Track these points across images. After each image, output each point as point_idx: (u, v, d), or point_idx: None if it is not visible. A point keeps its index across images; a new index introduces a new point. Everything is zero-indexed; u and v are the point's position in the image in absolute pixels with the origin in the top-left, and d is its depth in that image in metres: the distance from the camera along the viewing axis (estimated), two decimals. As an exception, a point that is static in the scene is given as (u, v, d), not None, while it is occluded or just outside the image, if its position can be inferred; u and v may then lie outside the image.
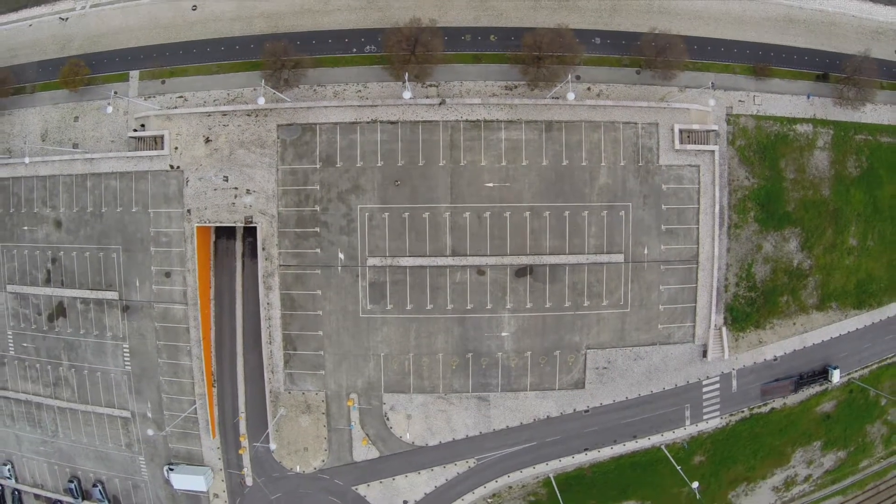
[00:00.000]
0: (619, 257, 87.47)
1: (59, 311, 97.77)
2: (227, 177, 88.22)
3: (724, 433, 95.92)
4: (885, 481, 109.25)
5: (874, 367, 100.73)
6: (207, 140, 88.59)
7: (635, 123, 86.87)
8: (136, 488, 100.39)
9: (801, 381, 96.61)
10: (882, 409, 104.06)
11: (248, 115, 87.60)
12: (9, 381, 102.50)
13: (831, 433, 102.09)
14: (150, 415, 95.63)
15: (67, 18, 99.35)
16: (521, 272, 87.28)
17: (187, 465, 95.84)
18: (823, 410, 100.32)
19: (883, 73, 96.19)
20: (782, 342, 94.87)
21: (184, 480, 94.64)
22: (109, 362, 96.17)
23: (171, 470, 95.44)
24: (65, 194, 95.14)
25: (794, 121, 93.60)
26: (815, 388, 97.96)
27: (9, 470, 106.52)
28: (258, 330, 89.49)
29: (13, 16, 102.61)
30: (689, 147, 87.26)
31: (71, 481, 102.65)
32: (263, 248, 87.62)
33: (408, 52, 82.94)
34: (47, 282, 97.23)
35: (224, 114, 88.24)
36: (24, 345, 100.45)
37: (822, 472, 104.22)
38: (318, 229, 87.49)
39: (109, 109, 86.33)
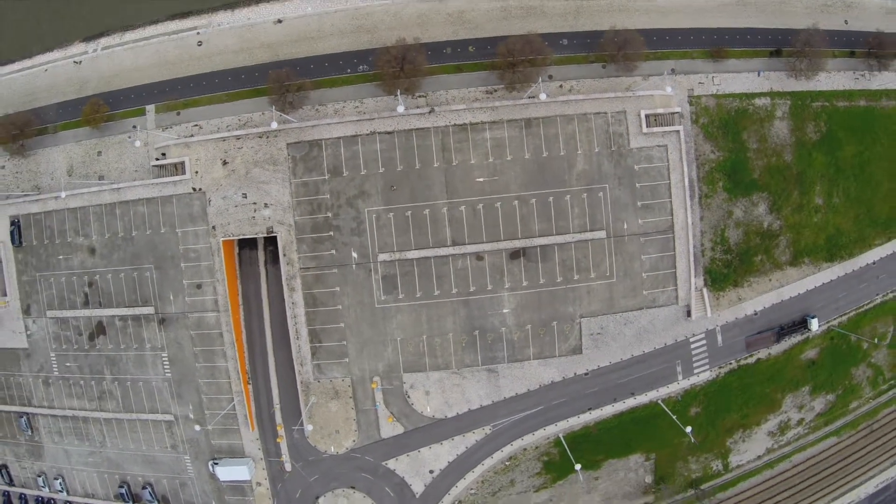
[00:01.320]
0: (602, 234, 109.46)
1: (99, 329, 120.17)
2: (245, 194, 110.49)
3: (715, 385, 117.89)
4: (876, 420, 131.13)
5: (851, 314, 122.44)
6: (224, 162, 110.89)
7: (605, 113, 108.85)
8: (183, 486, 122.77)
9: (783, 331, 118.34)
10: (865, 352, 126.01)
11: (260, 136, 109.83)
12: (55, 399, 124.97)
13: (818, 378, 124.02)
14: (191, 416, 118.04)
15: (81, 62, 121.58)
16: (515, 254, 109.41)
17: (230, 458, 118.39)
18: (808, 357, 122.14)
19: (834, 42, 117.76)
20: (761, 297, 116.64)
21: (228, 472, 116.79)
22: (150, 372, 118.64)
23: (216, 464, 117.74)
24: (96, 223, 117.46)
25: (752, 95, 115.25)
26: (797, 338, 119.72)
27: (60, 483, 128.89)
28: (286, 328, 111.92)
29: (27, 62, 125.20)
30: (656, 129, 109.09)
31: (121, 487, 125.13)
32: (284, 255, 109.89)
33: (397, 68, 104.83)
34: (85, 304, 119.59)
35: (237, 138, 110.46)
36: (68, 364, 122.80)
37: (813, 416, 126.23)
38: (331, 233, 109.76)
39: (138, 143, 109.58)
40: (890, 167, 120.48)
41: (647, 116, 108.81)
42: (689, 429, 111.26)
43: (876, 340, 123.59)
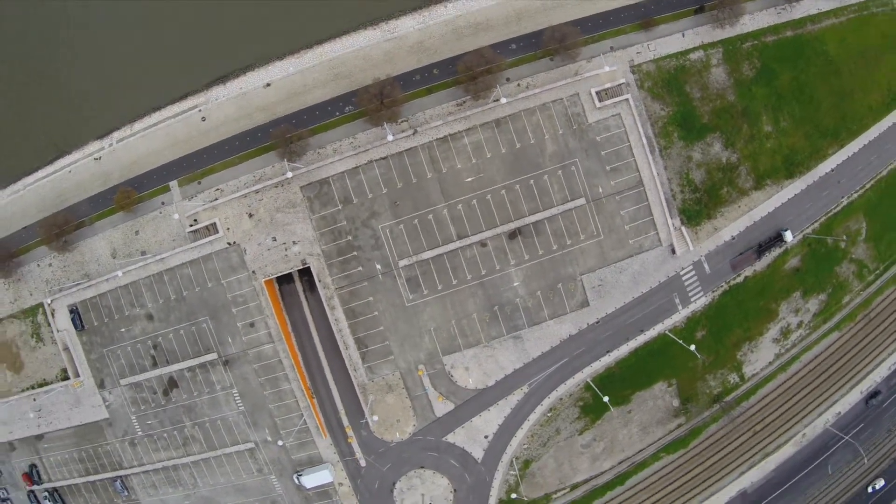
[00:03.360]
0: (582, 201, 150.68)
1: (172, 384, 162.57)
2: (274, 237, 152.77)
3: (713, 308, 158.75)
4: (872, 309, 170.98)
5: (822, 219, 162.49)
6: (250, 215, 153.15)
7: (561, 99, 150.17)
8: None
9: (762, 248, 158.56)
10: (844, 251, 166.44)
11: (276, 186, 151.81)
12: (143, 456, 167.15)
13: (806, 283, 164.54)
14: (269, 438, 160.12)
15: (100, 157, 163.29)
16: (512, 235, 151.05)
17: (311, 467, 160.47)
18: (791, 266, 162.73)
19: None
20: (734, 223, 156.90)
21: (312, 479, 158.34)
22: (225, 409, 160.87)
23: (300, 476, 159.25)
24: (148, 292, 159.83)
25: (686, 52, 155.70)
26: (776, 251, 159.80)
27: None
28: (334, 342, 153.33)
29: (50, 168, 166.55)
30: (608, 102, 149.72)
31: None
32: (320, 280, 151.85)
33: (378, 103, 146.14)
34: (154, 365, 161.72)
35: (256, 192, 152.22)
36: (149, 422, 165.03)
37: (811, 317, 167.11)
38: (355, 253, 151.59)
39: (176, 216, 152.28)
40: (827, 83, 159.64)
41: (597, 93, 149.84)
42: (692, 347, 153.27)
43: (845, 237, 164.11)
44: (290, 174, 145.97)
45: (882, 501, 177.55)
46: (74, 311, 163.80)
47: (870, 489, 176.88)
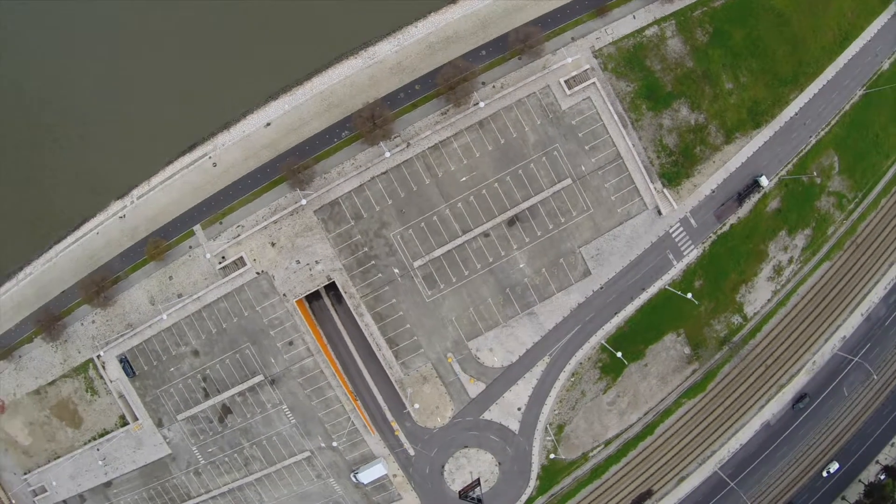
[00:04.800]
0: (568, 181, 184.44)
1: (226, 411, 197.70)
2: (298, 260, 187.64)
3: (706, 258, 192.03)
4: (858, 235, 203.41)
5: (794, 160, 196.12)
6: (273, 244, 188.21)
7: (534, 93, 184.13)
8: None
9: (741, 196, 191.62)
10: (820, 186, 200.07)
11: (291, 215, 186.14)
12: (209, 483, 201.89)
13: (789, 221, 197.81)
14: (322, 444, 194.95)
15: (124, 215, 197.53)
16: (511, 222, 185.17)
17: (365, 464, 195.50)
18: (772, 208, 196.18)
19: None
20: (712, 178, 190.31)
21: (369, 475, 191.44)
22: (278, 425, 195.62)
23: (356, 474, 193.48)
24: (190, 330, 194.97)
25: (641, 30, 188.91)
26: (756, 197, 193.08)
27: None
28: (367, 345, 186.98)
29: (78, 233, 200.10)
30: (576, 88, 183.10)
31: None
32: (345, 292, 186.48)
33: (371, 124, 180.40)
34: (206, 396, 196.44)
35: (275, 222, 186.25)
36: (210, 450, 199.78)
37: (799, 252, 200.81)
38: (373, 262, 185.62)
39: (208, 256, 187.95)
40: (779, 33, 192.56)
41: (565, 82, 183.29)
42: (689, 295, 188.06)
43: (816, 174, 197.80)
44: (303, 201, 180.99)
45: (836, 485, 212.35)
46: (124, 360, 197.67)
47: (824, 473, 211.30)
